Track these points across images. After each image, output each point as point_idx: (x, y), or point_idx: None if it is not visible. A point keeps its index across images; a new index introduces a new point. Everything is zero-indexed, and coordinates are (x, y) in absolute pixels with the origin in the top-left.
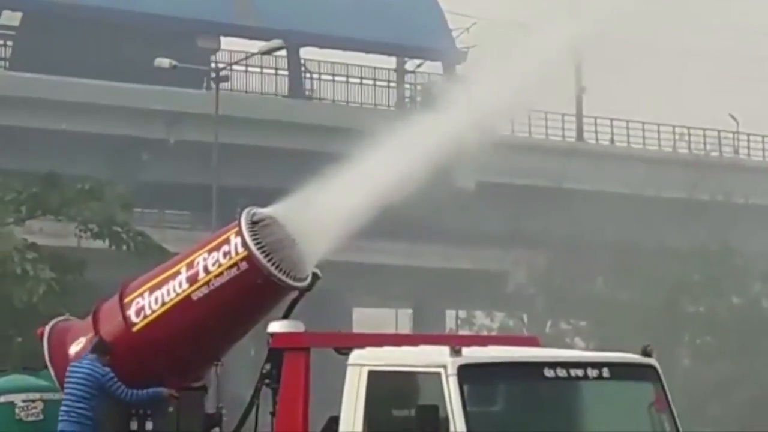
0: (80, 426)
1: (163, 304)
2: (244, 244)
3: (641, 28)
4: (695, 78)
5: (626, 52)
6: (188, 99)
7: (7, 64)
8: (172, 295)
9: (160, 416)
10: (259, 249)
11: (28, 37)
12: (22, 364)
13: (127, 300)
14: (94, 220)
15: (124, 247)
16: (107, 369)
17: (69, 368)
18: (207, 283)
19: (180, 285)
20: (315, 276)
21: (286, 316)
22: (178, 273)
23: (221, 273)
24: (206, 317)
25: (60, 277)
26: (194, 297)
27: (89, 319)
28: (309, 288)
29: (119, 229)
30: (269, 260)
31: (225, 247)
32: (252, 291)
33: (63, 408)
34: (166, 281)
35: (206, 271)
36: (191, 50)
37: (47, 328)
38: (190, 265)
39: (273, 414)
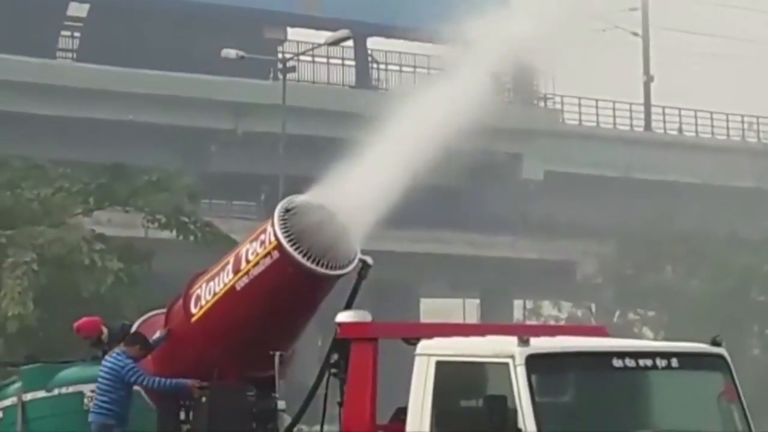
0: (103, 417)
1: (214, 294)
2: (274, 233)
3: (710, 17)
4: (765, 66)
5: (694, 41)
6: (255, 90)
7: (75, 55)
8: (221, 285)
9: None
10: (286, 237)
11: (95, 28)
12: (90, 354)
13: (191, 291)
14: (162, 211)
15: (192, 238)
16: (129, 361)
17: (102, 362)
18: (247, 273)
19: (227, 275)
20: (365, 264)
21: (348, 306)
22: (227, 264)
23: (258, 263)
24: (250, 307)
25: (127, 267)
26: (237, 287)
27: (165, 311)
28: (362, 276)
29: (186, 220)
30: (296, 248)
31: (262, 237)
32: (287, 280)
33: (94, 400)
34: (218, 272)
35: (246, 261)
36: (258, 41)
37: (138, 322)
38: (236, 256)
39: (340, 404)
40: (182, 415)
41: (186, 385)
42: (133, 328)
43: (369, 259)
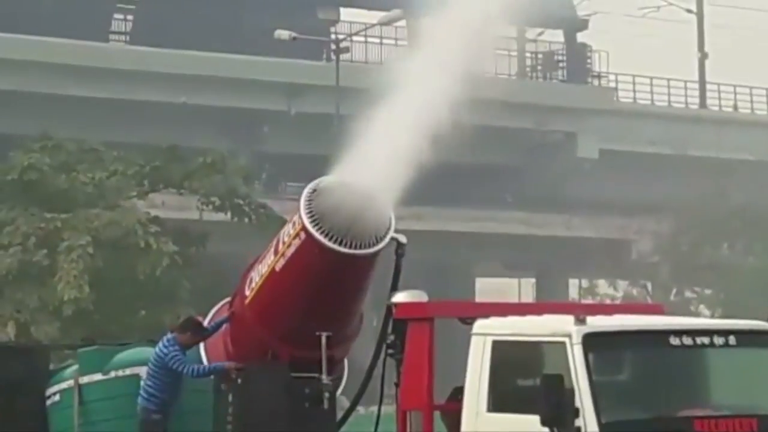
0: (145, 401)
1: (261, 276)
2: (300, 213)
3: None
4: None
5: (749, 17)
6: (308, 71)
7: (128, 38)
8: (265, 267)
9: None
10: (309, 218)
11: (147, 11)
12: (146, 336)
13: (247, 275)
14: (216, 193)
15: (246, 220)
16: (173, 348)
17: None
18: (283, 254)
19: (270, 257)
20: (398, 242)
21: (393, 286)
22: (271, 245)
23: (290, 244)
24: (289, 288)
25: (182, 250)
26: (277, 268)
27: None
28: (399, 254)
29: (241, 202)
30: (318, 229)
31: (294, 218)
32: (316, 261)
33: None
34: (265, 254)
35: (283, 242)
36: (311, 22)
37: (215, 308)
38: (277, 238)
39: (397, 384)
40: (230, 397)
41: (224, 368)
42: (213, 311)
43: (402, 237)
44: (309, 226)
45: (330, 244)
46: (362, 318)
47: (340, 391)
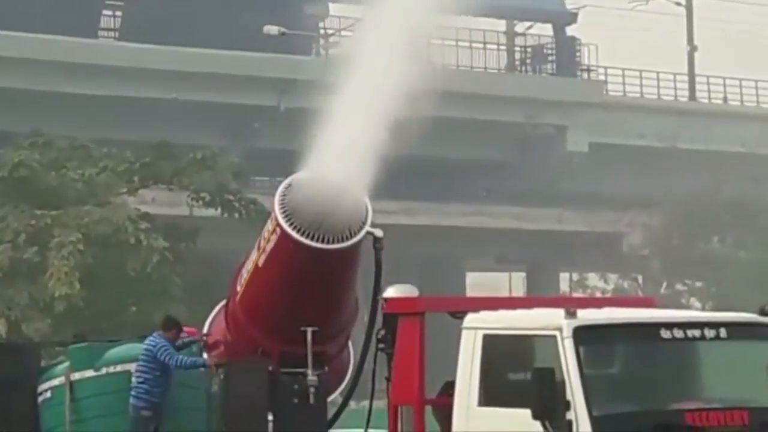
0: (136, 399)
1: (248, 272)
2: (274, 209)
3: None
4: None
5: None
6: (298, 66)
7: (117, 34)
8: (250, 264)
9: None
10: (282, 213)
11: (136, 7)
12: (137, 333)
13: (238, 272)
14: (207, 189)
15: (237, 215)
16: (160, 340)
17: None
18: (264, 249)
19: (254, 253)
20: (374, 236)
21: (376, 280)
22: (256, 242)
23: (269, 239)
24: (271, 283)
25: (173, 246)
26: (259, 264)
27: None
28: (378, 249)
29: (231, 198)
30: (290, 224)
31: (273, 214)
32: (292, 255)
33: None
34: (252, 250)
35: (264, 238)
36: (300, 17)
37: (216, 309)
38: (261, 234)
39: (388, 379)
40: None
41: (204, 363)
42: (214, 312)
43: (378, 231)
44: (282, 222)
45: (302, 239)
46: (357, 312)
47: (342, 387)
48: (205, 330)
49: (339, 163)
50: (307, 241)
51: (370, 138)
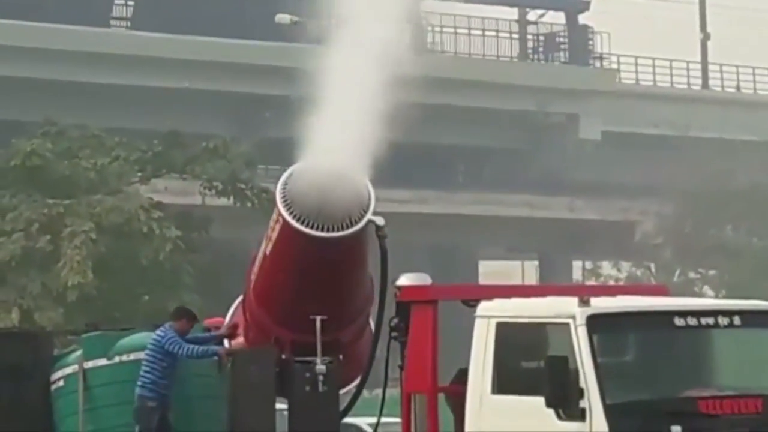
0: (142, 389)
1: (258, 261)
2: (276, 198)
3: None
4: None
5: None
6: (310, 55)
7: (129, 23)
8: (260, 253)
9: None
10: (282, 202)
11: None
12: (150, 321)
13: (254, 261)
14: (219, 178)
15: (249, 204)
16: (171, 333)
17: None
18: (270, 238)
19: (263, 242)
20: (376, 225)
21: (383, 269)
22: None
23: (274, 228)
24: (278, 272)
25: (185, 235)
26: (267, 252)
27: None
28: (381, 237)
29: (243, 186)
30: (290, 212)
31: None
32: (294, 244)
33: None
34: (262, 239)
35: (271, 227)
36: (312, 5)
37: (236, 303)
38: (269, 224)
39: (401, 367)
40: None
41: (215, 352)
42: (233, 306)
43: (379, 219)
44: (282, 210)
45: (301, 228)
46: (371, 302)
47: (358, 379)
48: (226, 320)
49: (340, 151)
50: (307, 230)
51: (370, 126)
